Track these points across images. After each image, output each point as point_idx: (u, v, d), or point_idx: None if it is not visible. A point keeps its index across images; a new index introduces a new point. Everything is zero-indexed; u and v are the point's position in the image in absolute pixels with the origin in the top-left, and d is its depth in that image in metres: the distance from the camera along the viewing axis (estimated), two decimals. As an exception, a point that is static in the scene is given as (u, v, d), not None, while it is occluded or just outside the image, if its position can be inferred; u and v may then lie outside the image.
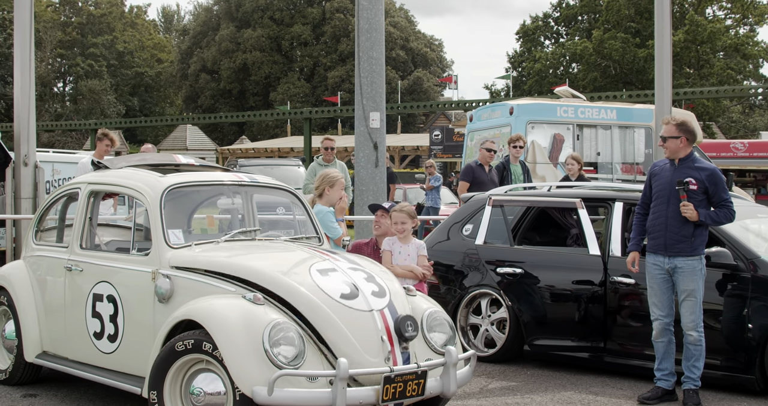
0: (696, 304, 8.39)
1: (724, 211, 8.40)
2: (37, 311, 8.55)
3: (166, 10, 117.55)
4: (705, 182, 8.38)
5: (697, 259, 8.42)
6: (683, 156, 8.54)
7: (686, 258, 8.41)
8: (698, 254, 8.43)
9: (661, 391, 8.61)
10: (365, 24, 13.09)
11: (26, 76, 13.33)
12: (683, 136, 8.49)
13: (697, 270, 8.41)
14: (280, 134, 75.72)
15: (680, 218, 8.41)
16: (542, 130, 19.16)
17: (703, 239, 8.48)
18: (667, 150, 8.59)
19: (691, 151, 8.61)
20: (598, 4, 65.88)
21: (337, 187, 9.14)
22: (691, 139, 8.57)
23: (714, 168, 8.52)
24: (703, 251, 8.48)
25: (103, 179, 8.54)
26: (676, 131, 8.50)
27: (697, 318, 8.39)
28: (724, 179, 8.49)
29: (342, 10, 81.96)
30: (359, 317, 6.65)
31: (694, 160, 8.54)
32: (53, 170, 17.88)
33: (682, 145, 8.51)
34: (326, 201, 9.14)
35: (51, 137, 76.28)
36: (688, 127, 8.56)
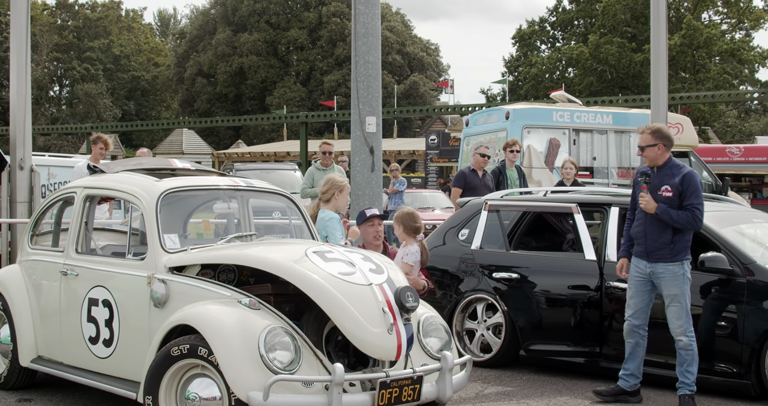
0: (682, 309, 8.39)
1: (688, 214, 8.35)
2: (33, 315, 8.54)
3: (162, 14, 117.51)
4: (679, 186, 8.41)
5: (678, 264, 8.42)
6: (662, 163, 8.57)
7: (667, 264, 8.43)
8: (679, 259, 8.43)
9: (619, 390, 8.68)
10: (361, 28, 13.09)
11: (22, 79, 13.32)
12: (660, 143, 8.53)
13: (678, 275, 8.41)
14: (276, 138, 75.72)
15: (659, 225, 8.44)
16: (538, 134, 19.16)
17: (685, 244, 8.46)
18: (646, 159, 8.64)
19: (669, 157, 8.63)
20: (594, 9, 65.99)
21: (345, 192, 9.14)
22: (668, 145, 8.59)
23: (689, 172, 8.50)
24: (687, 257, 8.47)
25: (98, 183, 8.53)
26: (653, 139, 8.54)
27: (685, 323, 8.39)
28: (698, 184, 8.44)
29: (338, 14, 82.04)
30: (359, 291, 6.66)
31: (672, 166, 8.56)
32: (49, 174, 17.84)
33: (660, 151, 8.55)
34: (333, 206, 9.11)
35: (47, 141, 76.23)
36: (664, 133, 8.61)
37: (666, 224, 8.40)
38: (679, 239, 8.43)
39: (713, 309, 8.83)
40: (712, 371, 8.75)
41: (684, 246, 8.45)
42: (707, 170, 22.14)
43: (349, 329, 6.47)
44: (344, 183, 9.19)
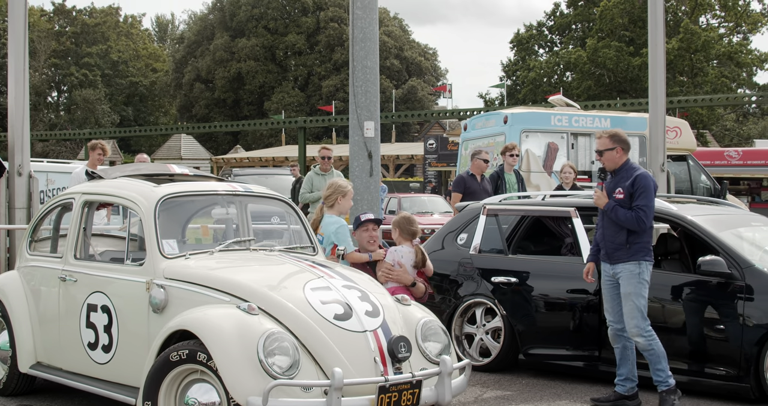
0: (635, 308, 8.43)
1: (632, 215, 8.39)
2: (32, 321, 8.54)
3: (160, 20, 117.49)
4: (630, 188, 8.47)
5: (635, 264, 8.47)
6: (619, 166, 8.63)
7: (626, 263, 8.50)
8: (636, 259, 8.48)
9: (616, 395, 8.71)
10: (359, 33, 13.09)
11: (20, 85, 13.31)
12: (618, 147, 8.60)
13: (634, 274, 8.46)
14: (274, 143, 75.74)
15: (614, 228, 8.53)
16: (536, 138, 19.16)
17: (642, 245, 8.49)
18: (605, 163, 8.68)
19: (627, 160, 8.67)
20: (591, 13, 66.04)
21: (348, 196, 9.12)
22: (626, 148, 8.65)
23: (641, 174, 8.53)
24: (646, 258, 8.49)
25: (97, 189, 8.54)
26: (611, 143, 8.61)
27: (639, 323, 8.43)
28: (648, 186, 8.44)
29: (336, 19, 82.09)
30: (352, 338, 6.65)
31: (627, 169, 8.61)
32: (47, 180, 17.84)
33: (618, 155, 8.62)
34: (337, 211, 9.10)
35: (45, 147, 76.24)
36: (621, 137, 8.67)
37: (620, 225, 8.47)
38: (634, 239, 8.48)
39: (711, 312, 8.83)
40: (711, 375, 8.75)
41: (641, 247, 8.49)
42: (705, 174, 22.14)
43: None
44: (347, 188, 9.18)
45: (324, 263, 7.82)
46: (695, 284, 9.04)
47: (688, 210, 9.75)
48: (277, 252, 8.05)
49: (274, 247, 8.22)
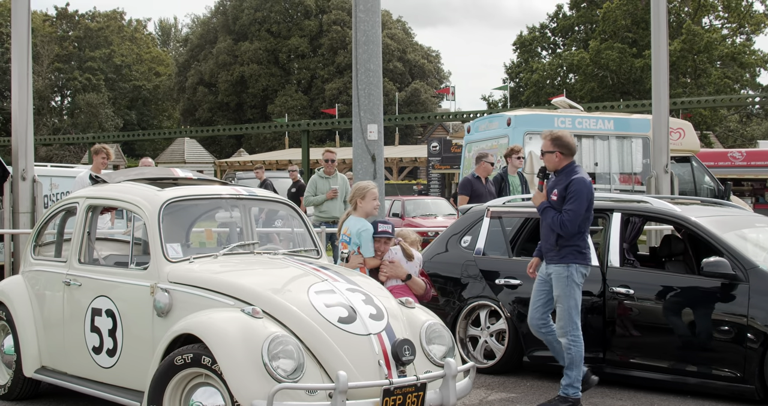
0: (563, 311, 8.49)
1: (558, 218, 8.43)
2: (36, 325, 8.54)
3: (163, 23, 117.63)
4: (563, 191, 8.51)
5: (564, 267, 8.51)
6: (561, 168, 8.67)
7: (555, 265, 8.57)
8: (565, 262, 8.51)
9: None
10: (362, 36, 13.09)
11: (24, 90, 13.34)
12: (557, 151, 8.64)
13: (562, 277, 8.51)
14: (278, 147, 75.78)
15: (547, 228, 8.60)
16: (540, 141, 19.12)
17: (573, 248, 8.51)
18: (546, 163, 8.76)
19: (568, 164, 8.67)
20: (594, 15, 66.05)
21: (368, 197, 9.07)
22: (566, 153, 8.66)
23: (575, 179, 8.49)
24: (577, 261, 8.51)
25: (101, 193, 8.55)
26: (551, 146, 8.67)
27: (567, 325, 8.48)
28: (580, 191, 8.42)
29: (339, 22, 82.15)
30: (357, 342, 6.63)
31: (566, 173, 8.62)
32: (51, 184, 17.85)
33: (558, 159, 8.65)
34: (361, 212, 9.09)
35: (49, 151, 76.33)
36: (562, 141, 8.67)
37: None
38: (564, 242, 8.52)
39: (716, 314, 8.83)
40: (716, 376, 8.74)
41: (572, 250, 8.52)
42: (709, 175, 22.14)
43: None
44: (366, 189, 9.11)
45: (328, 267, 7.82)
46: (699, 285, 9.03)
47: (692, 211, 9.74)
48: (281, 255, 8.05)
49: (278, 250, 8.22)
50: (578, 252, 8.52)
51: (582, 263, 8.54)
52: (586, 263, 8.59)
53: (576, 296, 8.52)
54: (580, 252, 8.53)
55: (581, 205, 8.39)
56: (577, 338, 8.51)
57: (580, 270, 8.54)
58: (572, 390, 8.48)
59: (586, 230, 8.62)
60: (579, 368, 8.50)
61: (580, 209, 8.39)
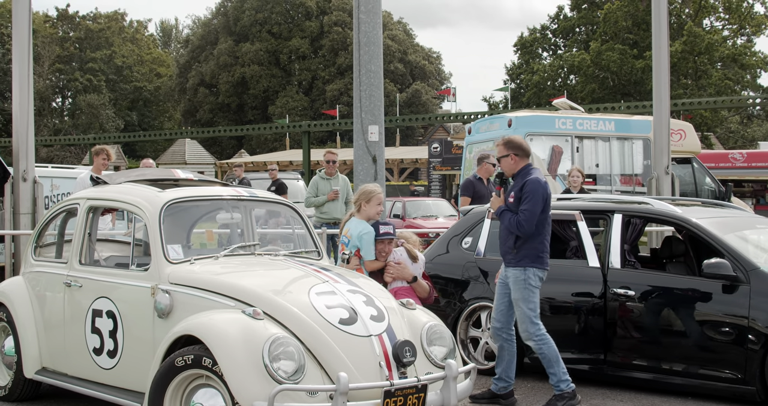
0: (523, 314, 8.56)
1: (515, 219, 8.49)
2: (37, 327, 8.55)
3: (164, 25, 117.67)
4: (519, 192, 8.56)
5: (521, 270, 8.56)
6: (517, 171, 8.72)
7: (512, 268, 8.62)
8: (522, 265, 8.56)
9: (490, 393, 8.90)
10: (363, 37, 13.10)
11: (24, 91, 13.34)
12: (511, 154, 8.68)
13: (520, 280, 8.56)
14: (278, 148, 75.80)
15: (505, 231, 8.66)
16: (541, 142, 19.14)
17: (529, 251, 8.56)
18: (503, 169, 8.81)
19: (524, 166, 8.72)
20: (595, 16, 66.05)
21: (373, 201, 9.05)
22: (521, 154, 8.71)
23: (530, 179, 8.55)
24: (534, 265, 8.56)
25: (101, 195, 8.55)
26: (504, 150, 8.72)
27: (528, 328, 8.55)
28: (535, 191, 8.47)
29: (340, 23, 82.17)
30: (357, 343, 6.63)
31: (522, 175, 8.66)
32: (52, 185, 17.86)
33: (513, 162, 8.69)
34: (364, 215, 9.07)
35: (50, 152, 76.36)
36: (515, 143, 8.75)
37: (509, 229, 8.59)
38: (521, 245, 8.57)
39: (717, 315, 8.82)
40: (717, 378, 8.73)
41: (529, 253, 8.56)
42: (710, 176, 22.12)
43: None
44: (372, 193, 9.10)
45: (329, 268, 7.82)
46: (700, 286, 9.02)
47: (693, 213, 9.74)
48: (281, 257, 8.04)
49: (278, 251, 8.22)
50: (535, 256, 8.57)
51: (539, 267, 8.59)
52: (543, 267, 8.63)
53: (533, 300, 8.58)
54: (537, 256, 8.58)
55: (536, 205, 8.45)
56: (543, 337, 8.57)
57: (537, 274, 8.58)
58: (564, 384, 8.54)
59: (545, 233, 8.66)
60: (559, 363, 8.57)
61: (535, 208, 8.45)
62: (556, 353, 8.56)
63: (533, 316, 8.56)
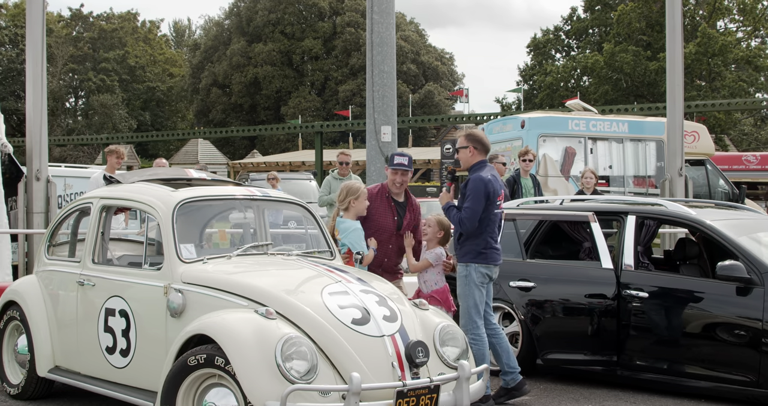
0: (463, 310, 8.69)
1: (456, 216, 8.59)
2: (50, 325, 8.57)
3: (177, 25, 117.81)
4: (463, 189, 8.65)
5: (463, 266, 8.68)
6: (471, 165, 8.77)
7: (459, 264, 8.74)
8: (465, 261, 8.67)
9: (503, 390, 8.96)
10: (376, 38, 13.10)
11: (38, 91, 13.36)
12: (471, 146, 8.75)
13: (461, 276, 8.68)
14: (291, 148, 75.82)
15: (456, 229, 8.72)
16: (554, 143, 19.14)
17: (472, 248, 8.63)
18: (460, 160, 8.89)
19: (480, 162, 8.77)
20: (608, 18, 65.87)
21: (362, 198, 9.07)
22: (479, 149, 8.78)
23: (472, 177, 8.65)
24: (476, 261, 8.63)
25: (115, 194, 8.56)
26: (465, 141, 8.81)
27: (467, 323, 8.62)
28: (476, 188, 8.53)
29: (353, 24, 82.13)
30: (370, 343, 6.63)
31: (472, 171, 8.74)
32: (65, 185, 17.90)
33: (470, 154, 8.76)
34: (353, 213, 9.06)
35: (63, 152, 76.50)
36: (476, 137, 8.85)
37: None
38: (464, 241, 8.67)
39: (730, 317, 8.80)
40: (730, 380, 8.71)
41: (471, 250, 8.65)
42: (724, 178, 22.07)
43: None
44: (359, 189, 9.12)
45: (342, 268, 7.81)
46: (714, 288, 9.00)
47: (707, 215, 9.71)
48: (294, 256, 8.04)
49: (291, 251, 8.21)
50: (477, 252, 8.64)
51: (482, 263, 8.65)
52: (487, 263, 8.67)
53: (475, 296, 8.65)
54: (479, 252, 8.64)
55: (477, 202, 8.51)
56: (478, 337, 8.63)
57: (479, 270, 8.65)
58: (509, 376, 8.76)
59: (489, 230, 8.68)
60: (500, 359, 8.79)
61: (476, 206, 8.51)
62: (485, 356, 8.59)
63: (474, 313, 8.65)
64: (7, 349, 9.13)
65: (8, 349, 9.12)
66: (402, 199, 9.49)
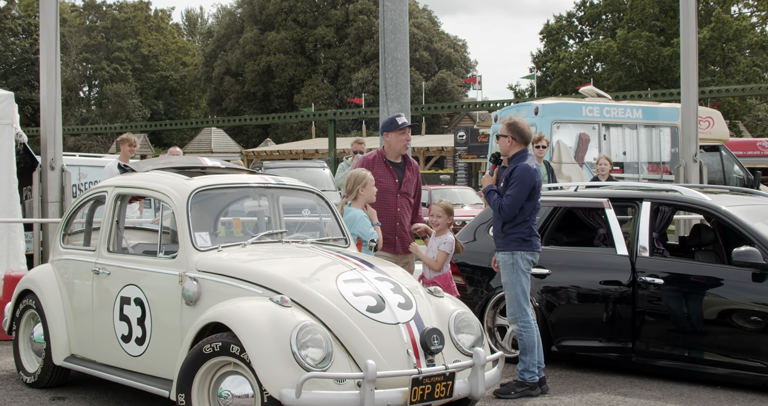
0: (511, 298, 8.70)
1: (496, 202, 8.62)
2: (65, 314, 8.59)
3: (189, 14, 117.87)
4: (508, 176, 8.67)
5: (509, 254, 8.68)
6: (512, 155, 8.79)
7: (501, 253, 8.75)
8: (510, 249, 8.67)
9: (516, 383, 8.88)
10: (389, 25, 13.05)
11: (52, 80, 13.38)
12: (510, 136, 8.76)
13: (508, 264, 8.67)
14: (304, 136, 75.90)
15: (497, 216, 8.74)
16: (567, 130, 19.10)
17: (518, 235, 8.65)
18: (500, 147, 8.90)
19: (520, 151, 8.78)
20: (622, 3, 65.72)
21: (369, 185, 9.06)
22: (519, 140, 8.78)
23: (519, 166, 8.64)
24: (523, 248, 8.65)
25: (129, 182, 8.56)
26: (506, 130, 8.80)
27: (516, 312, 8.67)
28: (522, 177, 8.56)
29: (365, 11, 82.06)
30: (385, 331, 6.63)
31: (516, 160, 8.74)
32: (79, 174, 17.94)
33: (510, 144, 8.78)
34: (362, 201, 9.04)
35: (77, 141, 76.69)
36: (517, 127, 8.81)
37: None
38: (508, 229, 8.68)
39: (746, 304, 8.77)
40: (747, 367, 8.68)
41: (516, 237, 8.67)
42: (739, 164, 22.01)
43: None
44: (366, 176, 9.10)
45: (356, 255, 7.81)
46: (730, 274, 8.97)
47: (722, 200, 9.68)
48: (309, 244, 8.04)
49: (306, 239, 8.21)
50: (522, 239, 8.66)
51: (527, 250, 8.67)
52: (532, 250, 8.71)
53: (522, 283, 8.67)
54: (524, 239, 8.66)
55: (521, 191, 8.54)
56: (528, 324, 8.67)
57: (525, 257, 8.67)
58: (528, 375, 8.63)
59: (531, 219, 8.72)
60: (533, 353, 8.64)
61: (520, 195, 8.54)
62: (534, 343, 8.64)
63: (522, 300, 8.68)
64: (23, 337, 9.16)
65: (24, 337, 9.15)
66: (399, 160, 9.70)
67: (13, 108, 13.26)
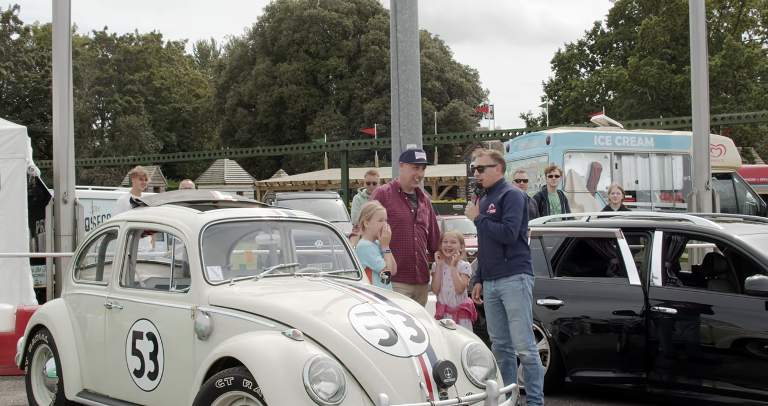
0: (523, 324, 8.66)
1: (501, 227, 8.60)
2: (78, 349, 8.59)
3: (201, 46, 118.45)
4: (501, 202, 8.69)
5: (517, 279, 8.67)
6: (494, 184, 8.89)
7: (506, 279, 8.69)
8: (516, 273, 8.67)
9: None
10: (401, 56, 13.09)
11: (65, 113, 13.46)
12: (498, 165, 8.89)
13: (518, 290, 8.66)
14: (317, 167, 75.97)
15: (491, 243, 8.76)
16: (579, 159, 19.10)
17: (522, 260, 8.71)
18: (484, 178, 8.94)
19: (501, 179, 8.94)
20: (633, 31, 65.88)
21: (374, 219, 9.06)
22: (502, 168, 8.95)
23: (509, 191, 8.77)
24: (527, 272, 8.71)
25: (141, 217, 8.58)
26: (492, 160, 8.90)
27: (527, 338, 8.67)
28: (516, 201, 8.66)
29: (377, 42, 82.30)
30: (398, 364, 6.60)
31: (501, 187, 8.84)
32: (92, 207, 18.01)
33: (497, 172, 8.90)
34: (369, 234, 9.08)
35: (90, 174, 76.93)
36: (500, 156, 9.00)
37: (493, 239, 8.69)
38: (511, 253, 8.69)
39: (760, 333, 8.72)
40: (760, 396, 8.62)
41: (521, 262, 8.71)
42: (751, 191, 21.96)
43: None
44: (371, 210, 9.10)
45: (369, 288, 7.79)
46: (743, 303, 8.93)
47: (735, 229, 9.65)
48: (321, 277, 8.03)
49: (318, 272, 8.21)
50: (526, 262, 8.74)
51: (531, 274, 8.77)
52: (532, 274, 8.81)
53: (530, 307, 8.72)
54: (527, 262, 8.75)
55: (519, 213, 8.64)
56: (536, 350, 8.77)
57: (530, 281, 8.75)
58: (543, 399, 8.69)
59: (527, 240, 8.81)
60: (542, 376, 8.75)
61: (519, 216, 8.64)
62: (543, 367, 8.74)
63: (531, 326, 8.73)
64: (35, 372, 9.16)
65: (37, 372, 9.15)
66: (412, 191, 9.77)
67: (26, 142, 13.33)
